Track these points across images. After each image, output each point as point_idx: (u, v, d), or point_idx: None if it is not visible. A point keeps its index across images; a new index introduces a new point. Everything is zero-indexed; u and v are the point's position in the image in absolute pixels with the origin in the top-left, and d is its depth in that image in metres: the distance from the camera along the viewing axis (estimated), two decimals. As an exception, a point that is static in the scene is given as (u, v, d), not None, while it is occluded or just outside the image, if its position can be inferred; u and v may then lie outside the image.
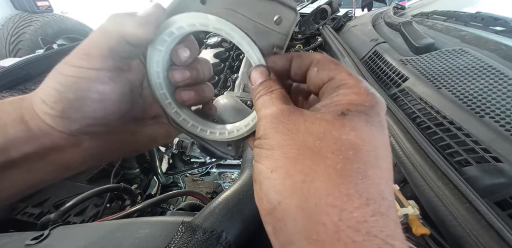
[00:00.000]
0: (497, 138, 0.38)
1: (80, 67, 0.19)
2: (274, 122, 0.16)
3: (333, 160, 0.14)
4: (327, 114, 0.15)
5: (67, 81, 0.19)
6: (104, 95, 0.21)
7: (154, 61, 0.22)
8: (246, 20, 0.20)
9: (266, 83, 0.19)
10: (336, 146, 0.14)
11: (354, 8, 1.43)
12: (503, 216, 0.31)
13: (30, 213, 0.57)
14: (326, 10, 1.22)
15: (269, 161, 0.15)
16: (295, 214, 0.13)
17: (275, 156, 0.15)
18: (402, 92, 0.56)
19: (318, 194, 0.13)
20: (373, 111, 0.15)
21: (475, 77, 0.49)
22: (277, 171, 0.15)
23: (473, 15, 0.73)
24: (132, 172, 0.83)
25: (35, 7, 2.30)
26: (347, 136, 0.14)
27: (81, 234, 0.31)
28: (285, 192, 0.14)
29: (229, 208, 0.29)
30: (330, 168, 0.13)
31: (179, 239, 0.26)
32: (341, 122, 0.15)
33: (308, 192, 0.13)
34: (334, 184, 0.13)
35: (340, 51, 0.85)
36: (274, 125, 0.16)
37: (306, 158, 0.14)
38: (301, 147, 0.15)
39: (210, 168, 0.95)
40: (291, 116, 0.16)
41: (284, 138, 0.15)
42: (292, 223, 0.13)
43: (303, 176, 0.14)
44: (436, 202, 0.31)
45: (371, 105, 0.15)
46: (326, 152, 0.14)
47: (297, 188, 0.14)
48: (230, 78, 1.00)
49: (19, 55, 2.03)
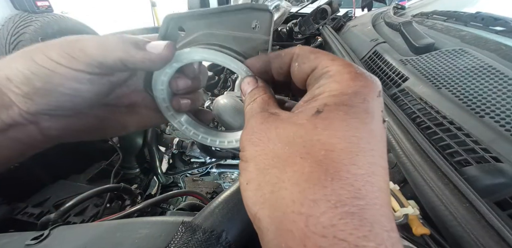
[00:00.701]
0: (497, 138, 0.38)
1: (57, 63, 0.18)
2: (249, 134, 0.16)
3: (301, 165, 0.13)
4: (301, 115, 0.15)
5: (39, 71, 0.19)
6: (77, 92, 0.20)
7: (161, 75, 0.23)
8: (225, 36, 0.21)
9: (252, 92, 0.19)
10: (305, 150, 0.13)
11: (354, 8, 1.42)
12: (503, 216, 0.31)
13: (30, 213, 0.57)
14: (326, 10, 1.22)
15: (244, 173, 0.16)
16: (267, 224, 0.13)
17: (249, 169, 0.15)
18: (402, 92, 0.56)
19: (285, 203, 0.13)
20: (356, 98, 0.14)
21: (475, 77, 0.49)
22: (251, 183, 0.15)
23: (473, 15, 0.73)
24: (132, 172, 0.83)
25: (35, 7, 2.30)
26: (319, 137, 0.13)
27: (81, 234, 0.31)
28: (258, 203, 0.14)
29: (229, 208, 0.29)
30: (298, 174, 0.13)
31: (179, 239, 0.26)
32: (313, 122, 0.14)
33: (276, 201, 0.13)
34: (300, 190, 0.12)
35: (340, 51, 0.85)
36: (249, 137, 0.16)
37: (274, 167, 0.14)
38: (269, 156, 0.14)
39: (210, 168, 0.95)
40: (263, 125, 0.16)
41: (256, 149, 0.15)
42: (266, 233, 0.13)
43: (270, 186, 0.14)
44: (436, 202, 0.31)
45: (354, 91, 0.14)
46: (295, 157, 0.13)
47: (267, 199, 0.14)
48: (230, 78, 1.00)
49: (19, 55, 2.03)
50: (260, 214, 0.14)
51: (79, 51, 0.19)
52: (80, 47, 0.19)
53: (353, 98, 0.14)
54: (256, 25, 0.20)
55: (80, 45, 0.19)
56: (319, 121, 0.14)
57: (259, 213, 0.14)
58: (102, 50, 0.19)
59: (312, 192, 0.12)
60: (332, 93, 0.15)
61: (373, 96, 0.14)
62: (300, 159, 0.13)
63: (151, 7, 3.81)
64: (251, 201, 0.15)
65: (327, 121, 0.14)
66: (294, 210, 0.12)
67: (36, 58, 0.19)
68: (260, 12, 0.20)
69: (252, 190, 0.15)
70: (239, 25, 0.21)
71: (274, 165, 0.14)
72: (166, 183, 0.92)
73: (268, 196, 0.14)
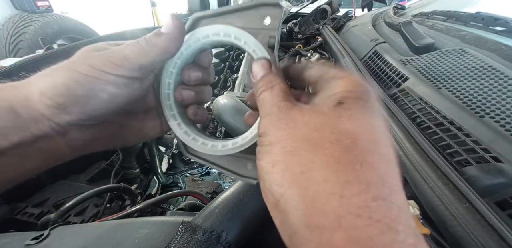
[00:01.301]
0: (497, 138, 0.38)
1: (102, 71, 0.20)
2: (273, 120, 0.17)
3: (330, 149, 0.14)
4: (324, 106, 0.16)
5: (83, 79, 0.20)
6: (114, 97, 0.22)
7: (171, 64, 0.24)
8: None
9: (267, 78, 0.19)
10: (333, 136, 0.14)
11: (354, 8, 1.42)
12: (503, 216, 0.31)
13: (30, 213, 0.57)
14: (326, 10, 1.22)
15: (269, 156, 0.16)
16: (296, 203, 0.14)
17: (274, 151, 0.16)
18: (402, 92, 0.56)
19: (316, 182, 0.13)
20: (368, 96, 0.16)
21: (475, 77, 0.49)
22: (277, 165, 0.15)
23: (473, 15, 0.73)
24: (132, 172, 0.83)
25: (35, 7, 2.30)
26: (344, 126, 0.15)
27: (81, 234, 0.31)
28: (285, 184, 0.14)
29: (229, 208, 0.29)
30: (328, 157, 0.14)
31: (179, 239, 0.26)
32: (338, 112, 0.15)
33: (307, 181, 0.14)
34: (332, 172, 0.13)
35: (340, 51, 0.85)
36: (273, 122, 0.17)
37: (304, 150, 0.15)
38: (299, 140, 0.15)
39: (210, 168, 0.95)
40: (289, 112, 0.17)
41: (282, 133, 0.16)
42: (294, 213, 0.14)
43: (300, 167, 0.14)
44: (436, 202, 0.31)
45: (365, 90, 0.16)
46: (324, 142, 0.14)
47: (296, 179, 0.14)
48: (230, 78, 1.00)
49: (19, 55, 2.03)
50: (288, 194, 0.14)
51: (123, 58, 0.21)
52: (123, 55, 0.21)
53: (366, 95, 0.16)
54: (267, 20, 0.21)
55: (122, 53, 0.21)
56: (342, 111, 0.15)
57: (286, 193, 0.14)
58: (140, 53, 0.21)
59: (344, 174, 0.13)
60: (348, 89, 0.16)
61: (377, 97, 0.17)
62: (329, 144, 0.14)
63: (151, 7, 3.81)
64: (277, 182, 0.15)
65: (349, 112, 0.15)
66: (327, 189, 0.13)
67: (80, 69, 0.20)
68: (271, 7, 0.21)
69: (278, 172, 0.15)
70: (252, 20, 0.21)
71: (303, 148, 0.15)
72: (166, 183, 0.92)
73: (298, 176, 0.14)
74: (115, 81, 0.21)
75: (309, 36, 1.28)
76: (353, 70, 0.69)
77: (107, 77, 0.20)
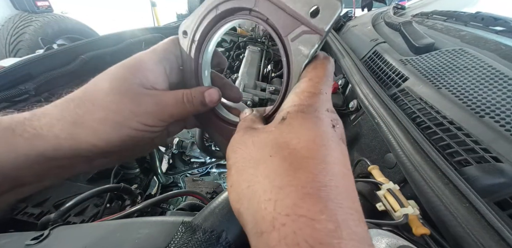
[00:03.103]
0: (497, 138, 0.38)
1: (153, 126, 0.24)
2: (232, 144, 0.20)
3: (270, 161, 0.16)
4: (271, 124, 0.19)
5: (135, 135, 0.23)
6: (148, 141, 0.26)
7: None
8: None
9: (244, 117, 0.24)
10: (273, 150, 0.16)
11: (354, 8, 1.42)
12: (503, 216, 0.31)
13: (30, 213, 0.57)
14: (326, 10, 1.22)
15: (228, 178, 0.18)
16: (246, 216, 0.16)
17: (231, 173, 0.18)
18: (402, 92, 0.56)
19: (258, 194, 0.15)
20: (311, 108, 0.18)
21: (475, 77, 0.49)
22: (232, 185, 0.18)
23: (473, 15, 0.74)
24: (132, 172, 0.83)
25: (35, 7, 2.30)
26: (284, 139, 0.17)
27: (81, 234, 0.31)
28: (239, 200, 0.17)
29: (229, 208, 0.29)
30: (268, 169, 0.16)
31: (179, 239, 0.26)
32: (280, 128, 0.18)
33: (252, 194, 0.15)
34: (270, 181, 0.15)
35: (340, 51, 0.85)
36: (231, 147, 0.20)
37: (250, 167, 0.17)
38: (246, 159, 0.17)
39: (210, 168, 0.95)
40: (243, 136, 0.19)
41: (236, 156, 0.18)
42: (248, 225, 0.15)
43: (247, 182, 0.16)
44: (436, 202, 0.31)
45: (309, 104, 0.18)
46: (266, 157, 0.16)
47: (244, 194, 0.16)
48: (230, 78, 1.00)
49: (19, 55, 2.03)
50: (241, 209, 0.16)
51: (169, 117, 0.24)
52: (170, 114, 0.24)
53: (308, 108, 0.18)
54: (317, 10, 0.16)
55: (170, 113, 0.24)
56: (284, 127, 0.18)
57: (240, 208, 0.16)
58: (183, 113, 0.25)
59: (279, 181, 0.15)
60: (294, 103, 0.18)
61: (323, 110, 0.18)
62: (269, 157, 0.16)
63: (151, 7, 3.81)
64: (234, 200, 0.17)
65: (290, 126, 0.17)
66: (265, 197, 0.15)
67: (133, 125, 0.23)
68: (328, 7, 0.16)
69: (233, 191, 0.17)
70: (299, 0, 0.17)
71: (250, 166, 0.17)
72: (166, 183, 0.92)
73: (245, 191, 0.16)
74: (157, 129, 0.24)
75: (309, 36, 1.28)
76: (354, 70, 0.69)
77: (153, 129, 0.24)
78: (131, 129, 0.22)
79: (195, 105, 0.25)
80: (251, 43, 1.10)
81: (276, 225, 0.13)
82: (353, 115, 0.76)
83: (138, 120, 0.23)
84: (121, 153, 0.26)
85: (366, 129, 0.64)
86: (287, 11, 0.17)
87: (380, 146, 0.55)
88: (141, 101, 0.23)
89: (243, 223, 0.16)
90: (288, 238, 0.12)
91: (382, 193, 0.38)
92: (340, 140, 0.18)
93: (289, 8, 0.17)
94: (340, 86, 0.89)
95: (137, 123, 0.23)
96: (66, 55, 0.85)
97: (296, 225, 0.13)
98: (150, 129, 0.24)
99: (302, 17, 0.17)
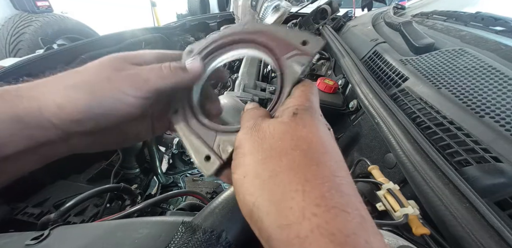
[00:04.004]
0: (497, 138, 0.38)
1: (125, 93, 0.22)
2: (247, 133, 0.20)
3: (292, 154, 0.16)
4: (285, 117, 0.19)
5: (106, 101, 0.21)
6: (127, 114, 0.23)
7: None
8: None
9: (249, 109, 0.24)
10: (293, 142, 0.17)
11: (354, 8, 1.42)
12: (503, 216, 0.31)
13: (30, 213, 0.57)
14: (326, 10, 1.22)
15: (241, 168, 0.18)
16: (267, 208, 0.15)
17: (246, 162, 0.18)
18: (402, 92, 0.56)
19: (283, 184, 0.15)
20: (312, 109, 0.20)
21: (475, 77, 0.49)
22: (248, 175, 0.17)
23: (473, 15, 0.74)
24: (132, 172, 0.83)
25: (35, 7, 2.29)
26: (301, 133, 0.18)
27: (81, 234, 0.31)
28: (256, 192, 0.16)
29: (229, 208, 0.29)
30: (291, 161, 0.16)
31: (179, 239, 0.26)
32: (295, 121, 0.18)
33: (274, 184, 0.16)
34: (295, 173, 0.16)
35: (340, 51, 0.85)
36: (247, 136, 0.19)
37: (271, 157, 0.17)
38: (267, 150, 0.17)
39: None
40: (261, 126, 0.20)
41: (254, 145, 0.18)
42: (266, 217, 0.15)
43: (268, 172, 0.16)
44: (436, 202, 0.31)
45: (309, 106, 0.20)
46: (287, 149, 0.17)
47: (265, 185, 0.16)
48: (230, 78, 1.00)
49: (19, 55, 2.03)
50: (259, 201, 0.16)
51: (144, 82, 0.23)
52: (145, 78, 0.23)
53: (311, 108, 0.20)
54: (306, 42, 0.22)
55: (145, 77, 0.23)
56: (298, 120, 0.19)
57: (257, 201, 0.16)
58: (161, 78, 0.23)
59: (304, 174, 0.15)
60: (298, 103, 0.20)
61: (319, 111, 0.21)
62: (291, 150, 0.17)
63: (151, 7, 3.81)
64: (249, 192, 0.17)
65: (303, 120, 0.18)
66: (292, 188, 0.15)
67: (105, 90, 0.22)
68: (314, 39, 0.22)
69: (249, 181, 0.17)
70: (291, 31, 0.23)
71: (271, 156, 0.17)
72: (166, 183, 0.92)
73: (267, 181, 0.16)
74: (134, 102, 0.23)
75: (309, 36, 1.28)
76: (354, 70, 0.69)
77: (128, 98, 0.22)
78: (101, 95, 0.21)
79: (173, 68, 0.24)
80: (251, 43, 1.10)
81: (306, 214, 0.13)
82: (353, 115, 0.76)
83: (112, 84, 0.22)
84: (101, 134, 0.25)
85: (366, 129, 0.64)
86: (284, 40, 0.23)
87: (380, 146, 0.55)
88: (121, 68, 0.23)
89: (259, 217, 0.16)
90: (321, 227, 0.13)
91: (382, 193, 0.38)
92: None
93: (285, 39, 0.23)
94: (340, 86, 0.89)
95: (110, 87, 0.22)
96: (66, 55, 0.85)
97: (328, 215, 0.13)
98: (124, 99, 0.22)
99: (295, 44, 0.22)
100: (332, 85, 0.82)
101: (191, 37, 1.45)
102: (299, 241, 0.13)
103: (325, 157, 0.16)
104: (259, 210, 0.16)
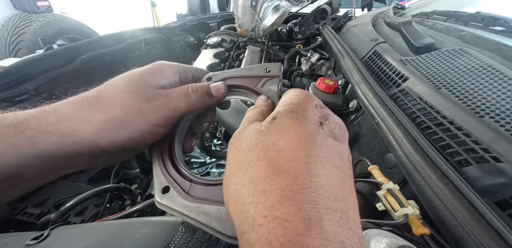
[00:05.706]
0: (497, 138, 0.38)
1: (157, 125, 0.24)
2: (232, 142, 0.20)
3: (258, 165, 0.17)
4: (264, 123, 0.19)
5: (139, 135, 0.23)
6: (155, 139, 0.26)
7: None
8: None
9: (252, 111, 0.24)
10: (262, 153, 0.17)
11: (354, 8, 1.42)
12: (503, 216, 0.31)
13: (30, 213, 0.57)
14: (326, 10, 1.22)
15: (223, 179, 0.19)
16: (233, 217, 0.17)
17: (224, 174, 0.19)
18: (402, 92, 0.56)
19: (243, 196, 0.16)
20: (299, 107, 0.19)
21: (475, 77, 0.49)
22: (223, 186, 0.19)
23: (473, 15, 0.74)
24: (132, 172, 0.83)
25: (35, 7, 2.29)
26: (273, 141, 0.17)
27: (81, 234, 0.31)
28: (227, 203, 0.18)
29: (229, 208, 0.29)
30: (254, 173, 0.16)
31: (179, 239, 0.26)
32: (270, 128, 0.18)
33: (238, 196, 0.16)
34: (254, 185, 0.16)
35: (340, 51, 0.85)
36: (231, 145, 0.20)
37: (239, 170, 0.17)
38: (237, 162, 0.18)
39: (210, 168, 0.95)
40: (240, 135, 0.20)
41: (231, 156, 0.19)
42: (234, 224, 0.16)
43: (234, 186, 0.17)
44: (436, 202, 0.31)
45: (297, 102, 0.20)
46: (254, 160, 0.17)
47: (232, 197, 0.17)
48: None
49: (19, 55, 2.03)
50: (229, 211, 0.17)
51: (174, 111, 0.24)
52: (175, 108, 0.24)
53: (297, 107, 0.19)
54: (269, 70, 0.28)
55: (175, 106, 0.24)
56: (274, 127, 0.18)
57: (229, 209, 0.17)
58: (190, 106, 0.25)
59: (262, 185, 0.16)
60: (284, 103, 0.20)
61: (311, 107, 0.20)
62: (258, 161, 0.17)
63: (151, 7, 3.81)
64: (224, 200, 0.18)
65: (279, 126, 0.18)
66: (248, 200, 0.15)
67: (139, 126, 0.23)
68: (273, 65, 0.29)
69: (224, 191, 0.19)
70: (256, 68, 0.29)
71: (239, 169, 0.17)
72: (166, 183, 0.92)
73: (233, 194, 0.17)
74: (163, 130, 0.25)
75: (309, 36, 1.28)
76: (354, 70, 0.69)
77: (158, 129, 0.24)
78: (135, 130, 0.23)
79: (200, 94, 0.26)
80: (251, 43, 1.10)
81: (255, 225, 0.14)
82: (353, 115, 0.76)
83: (145, 118, 0.23)
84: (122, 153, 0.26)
85: (366, 129, 0.64)
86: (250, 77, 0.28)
87: (380, 146, 0.55)
88: (151, 97, 0.23)
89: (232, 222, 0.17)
90: (263, 237, 0.14)
91: (382, 193, 0.38)
92: (329, 137, 0.18)
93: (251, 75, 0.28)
94: (340, 86, 0.89)
95: (144, 122, 0.23)
96: (66, 55, 0.85)
97: (271, 225, 0.14)
98: (154, 130, 0.24)
99: (262, 74, 0.28)
100: (332, 85, 0.82)
101: (191, 37, 1.45)
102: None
103: (291, 164, 0.16)
104: (231, 217, 0.17)
